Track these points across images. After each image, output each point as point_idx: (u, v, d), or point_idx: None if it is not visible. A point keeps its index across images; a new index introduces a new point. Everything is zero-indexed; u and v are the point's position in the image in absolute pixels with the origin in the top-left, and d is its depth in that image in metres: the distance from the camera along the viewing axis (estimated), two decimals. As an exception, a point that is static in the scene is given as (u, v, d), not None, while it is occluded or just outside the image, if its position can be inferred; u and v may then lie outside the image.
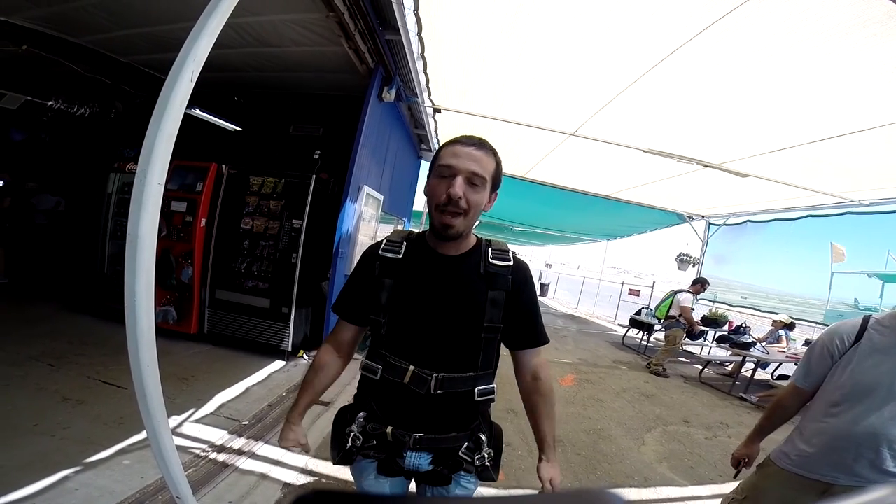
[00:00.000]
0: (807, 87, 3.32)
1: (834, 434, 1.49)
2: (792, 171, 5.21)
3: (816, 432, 1.54)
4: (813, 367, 1.59)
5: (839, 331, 1.56)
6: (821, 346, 1.58)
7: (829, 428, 1.50)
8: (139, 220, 1.30)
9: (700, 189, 6.97)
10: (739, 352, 6.46)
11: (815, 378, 1.60)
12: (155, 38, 4.37)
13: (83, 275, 5.10)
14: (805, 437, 1.57)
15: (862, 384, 1.45)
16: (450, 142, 1.12)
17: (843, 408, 1.48)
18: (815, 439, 1.53)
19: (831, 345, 1.55)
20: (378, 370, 1.16)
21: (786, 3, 2.48)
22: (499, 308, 1.16)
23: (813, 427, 1.56)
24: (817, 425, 1.55)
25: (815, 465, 1.52)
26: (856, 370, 1.47)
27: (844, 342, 1.53)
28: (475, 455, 1.19)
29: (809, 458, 1.53)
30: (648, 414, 4.58)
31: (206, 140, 5.22)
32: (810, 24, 2.62)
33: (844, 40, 2.68)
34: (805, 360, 1.63)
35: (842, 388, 1.50)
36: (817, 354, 1.58)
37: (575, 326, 10.97)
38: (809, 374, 1.61)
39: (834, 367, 1.55)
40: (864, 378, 1.45)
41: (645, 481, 3.10)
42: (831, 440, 1.49)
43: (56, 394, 2.95)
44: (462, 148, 1.08)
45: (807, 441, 1.55)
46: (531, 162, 6.93)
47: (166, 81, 1.31)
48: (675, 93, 3.80)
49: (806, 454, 1.54)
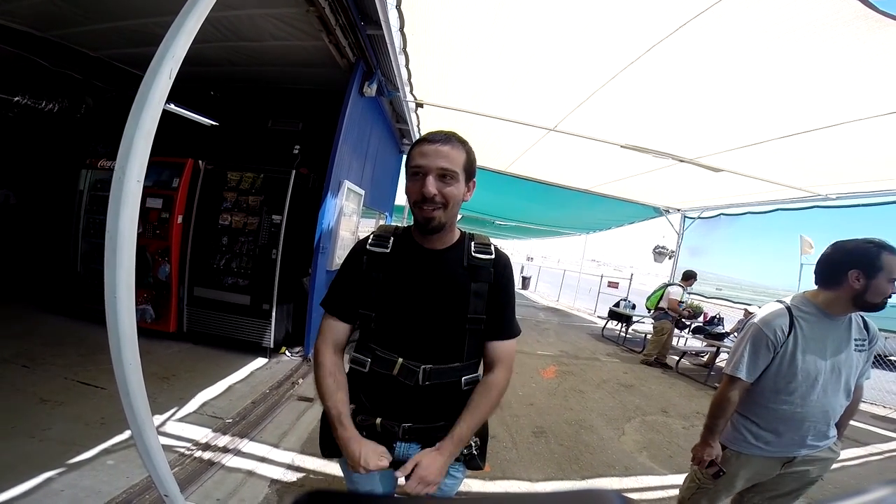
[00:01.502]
0: (777, 85, 3.43)
1: (793, 417, 1.66)
2: (763, 166, 5.38)
3: (775, 418, 1.69)
4: (760, 361, 1.68)
5: (775, 323, 1.66)
6: (765, 340, 1.65)
7: (787, 413, 1.66)
8: (118, 217, 1.29)
9: (675, 183, 7.13)
10: (714, 342, 6.67)
11: (759, 370, 1.69)
12: (127, 32, 4.25)
13: (55, 274, 4.95)
14: (761, 423, 1.71)
15: (809, 372, 1.62)
16: (417, 141, 1.15)
17: (796, 395, 1.64)
18: (775, 424, 1.69)
19: (774, 338, 1.64)
20: (367, 363, 1.19)
21: (759, 1, 2.56)
22: (482, 299, 1.19)
23: (766, 414, 1.70)
24: (772, 412, 1.69)
25: (778, 446, 1.70)
26: (801, 361, 1.62)
27: (784, 332, 1.64)
28: None
29: (773, 442, 1.70)
30: (628, 404, 4.70)
31: (181, 135, 5.09)
32: (781, 23, 2.70)
33: (814, 38, 2.78)
34: (750, 354, 1.69)
35: (790, 377, 1.64)
36: (763, 348, 1.66)
37: (556, 319, 11.13)
38: (756, 367, 1.68)
39: (775, 356, 1.66)
40: (810, 367, 1.62)
41: (626, 470, 3.19)
42: (792, 423, 1.67)
43: (34, 395, 2.88)
44: (429, 146, 1.11)
45: (766, 427, 1.71)
46: (512, 156, 6.98)
47: (144, 79, 1.30)
48: (651, 89, 3.88)
49: (769, 439, 1.70)
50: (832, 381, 1.63)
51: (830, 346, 1.63)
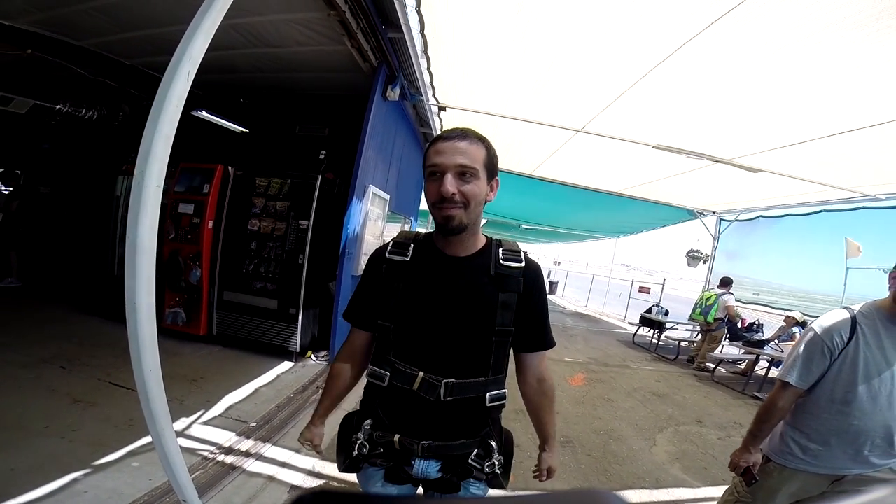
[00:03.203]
0: (818, 82, 3.26)
1: (848, 430, 1.53)
2: (805, 165, 5.12)
3: (826, 430, 1.57)
4: (814, 368, 1.58)
5: (834, 328, 1.56)
6: (820, 345, 1.56)
7: (841, 425, 1.54)
8: (137, 222, 1.28)
9: (710, 184, 6.88)
10: (752, 350, 6.36)
11: (814, 378, 1.59)
12: (156, 41, 4.38)
13: (94, 277, 5.15)
14: (812, 436, 1.60)
15: (871, 382, 1.50)
16: (434, 140, 1.09)
17: (854, 405, 1.51)
18: (826, 437, 1.57)
19: (831, 343, 1.55)
20: (386, 377, 1.13)
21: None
22: (510, 311, 1.12)
23: (818, 425, 1.59)
24: (824, 423, 1.58)
25: (828, 461, 1.57)
26: (861, 368, 1.51)
27: (843, 339, 1.54)
28: (485, 462, 1.16)
29: (822, 455, 1.58)
30: (660, 414, 4.52)
31: (212, 142, 5.24)
32: (820, 17, 2.56)
33: (855, 33, 2.61)
34: (803, 360, 1.60)
35: (849, 386, 1.52)
36: (818, 354, 1.57)
37: (584, 325, 10.88)
38: (810, 373, 1.59)
39: (832, 364, 1.55)
40: (872, 377, 1.50)
41: (657, 482, 3.05)
42: (847, 436, 1.54)
43: (67, 396, 2.97)
44: (445, 143, 1.05)
45: (816, 439, 1.59)
46: (539, 159, 6.88)
47: (162, 82, 1.29)
48: (684, 88, 3.74)
49: (818, 452, 1.58)
50: None
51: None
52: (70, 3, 3.75)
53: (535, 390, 1.27)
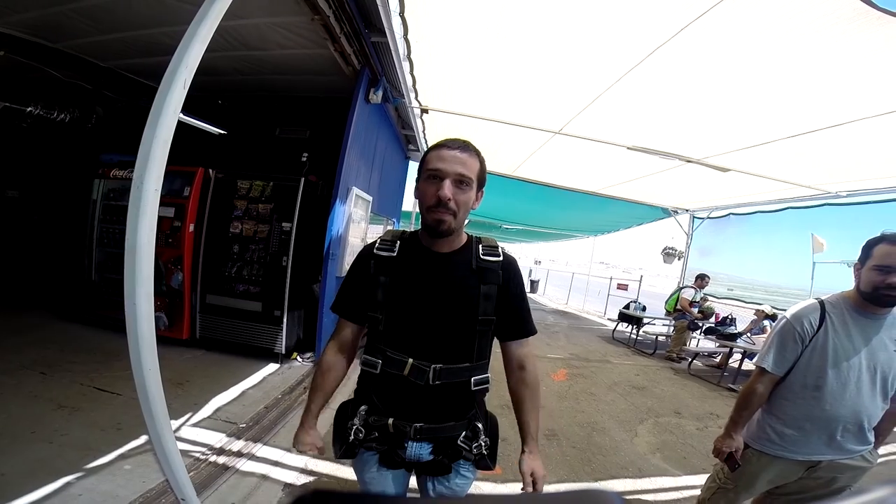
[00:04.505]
0: (784, 84, 3.41)
1: (820, 416, 1.60)
2: (771, 164, 5.34)
3: (800, 416, 1.64)
4: (788, 354, 1.66)
5: (804, 315, 1.65)
6: (792, 332, 1.65)
7: (814, 410, 1.61)
8: (137, 227, 1.32)
9: (683, 184, 7.09)
10: (726, 343, 6.60)
11: (788, 364, 1.66)
12: (136, 42, 4.32)
13: (71, 282, 5.03)
14: (786, 421, 1.67)
15: (840, 369, 1.57)
16: (436, 146, 1.18)
17: (825, 391, 1.59)
18: (801, 422, 1.63)
19: (802, 330, 1.63)
20: (378, 364, 1.21)
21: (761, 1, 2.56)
22: (491, 301, 1.22)
23: (793, 410, 1.66)
24: (798, 409, 1.64)
25: (804, 446, 1.65)
26: (830, 355, 1.58)
27: (813, 325, 1.62)
28: (473, 444, 1.25)
29: (798, 441, 1.64)
30: (640, 406, 4.67)
31: (191, 144, 5.15)
32: (784, 22, 2.69)
33: (819, 37, 2.77)
34: (777, 346, 1.68)
35: (820, 372, 1.60)
36: (791, 340, 1.65)
37: (565, 322, 11.07)
38: (784, 359, 1.66)
39: (804, 350, 1.63)
40: (841, 363, 1.57)
41: (639, 472, 3.17)
42: (820, 421, 1.61)
43: (51, 401, 2.93)
44: (448, 152, 1.14)
45: (791, 424, 1.65)
46: (518, 160, 6.99)
47: (159, 88, 1.33)
48: (657, 90, 3.87)
49: (793, 437, 1.65)
50: (867, 382, 1.57)
51: (867, 345, 1.58)
52: (49, 5, 3.66)
53: (517, 378, 1.34)
